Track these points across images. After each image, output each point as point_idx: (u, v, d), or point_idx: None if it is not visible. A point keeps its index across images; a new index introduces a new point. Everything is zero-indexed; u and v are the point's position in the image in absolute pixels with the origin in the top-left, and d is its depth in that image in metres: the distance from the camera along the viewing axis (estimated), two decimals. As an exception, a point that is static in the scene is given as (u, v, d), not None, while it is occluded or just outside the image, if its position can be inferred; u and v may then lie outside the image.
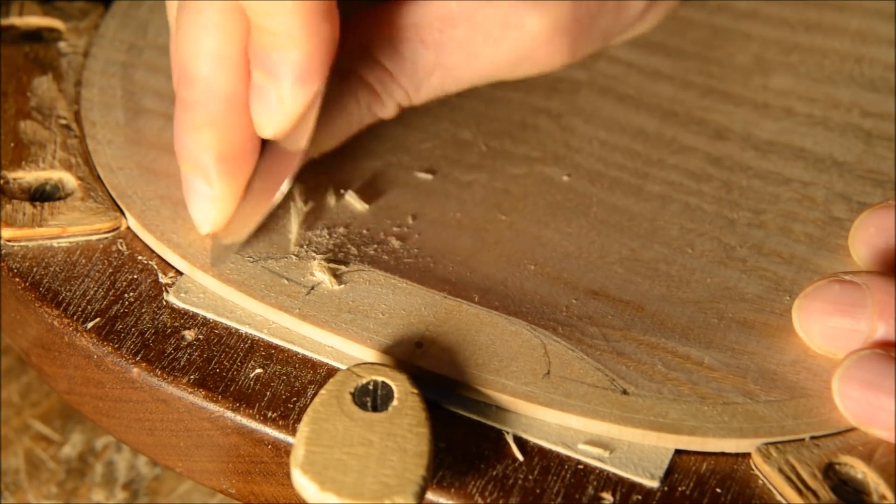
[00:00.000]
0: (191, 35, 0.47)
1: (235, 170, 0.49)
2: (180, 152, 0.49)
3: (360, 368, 0.46)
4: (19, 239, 0.51)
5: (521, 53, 0.50)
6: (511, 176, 0.55)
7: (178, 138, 0.49)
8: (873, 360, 0.46)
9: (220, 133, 0.48)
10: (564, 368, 0.47)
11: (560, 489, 0.45)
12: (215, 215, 0.50)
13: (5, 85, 0.56)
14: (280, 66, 0.46)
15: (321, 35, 0.46)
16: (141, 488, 0.57)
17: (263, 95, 0.47)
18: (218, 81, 0.48)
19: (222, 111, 0.48)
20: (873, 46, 0.60)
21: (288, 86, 0.47)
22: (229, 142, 0.48)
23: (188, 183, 0.50)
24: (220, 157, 0.49)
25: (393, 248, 0.51)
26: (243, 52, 0.47)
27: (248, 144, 0.49)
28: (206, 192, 0.49)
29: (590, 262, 0.52)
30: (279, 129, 0.48)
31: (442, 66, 0.50)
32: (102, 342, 0.48)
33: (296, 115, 0.47)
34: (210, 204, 0.49)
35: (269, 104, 0.47)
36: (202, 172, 0.49)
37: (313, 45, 0.46)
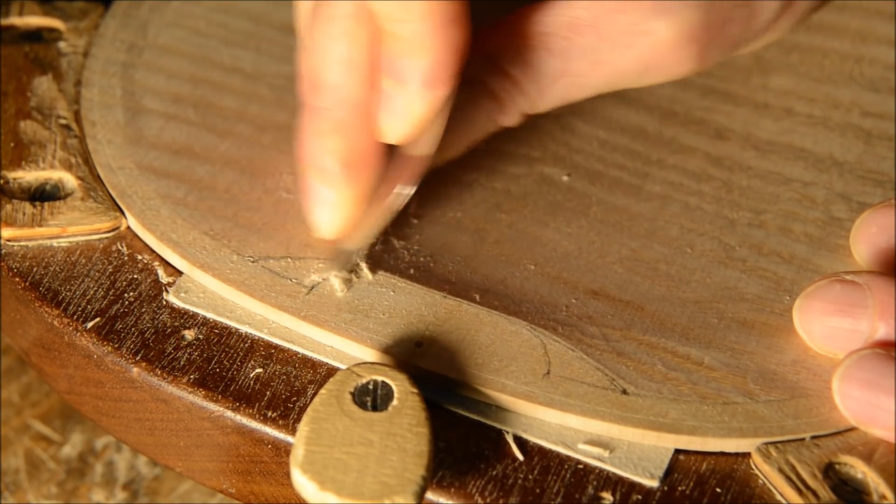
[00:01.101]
0: (323, 43, 0.47)
1: (361, 175, 0.49)
2: (305, 158, 0.49)
3: (360, 368, 0.46)
4: (19, 239, 0.51)
5: (648, 61, 0.49)
6: (511, 176, 0.55)
7: (303, 144, 0.49)
8: (874, 360, 0.46)
9: (347, 139, 0.48)
10: (564, 368, 0.47)
11: (560, 489, 0.45)
12: (340, 221, 0.49)
13: (5, 85, 0.56)
14: (409, 72, 0.46)
15: (451, 42, 0.46)
16: (141, 488, 0.57)
17: (391, 102, 0.47)
18: (347, 88, 0.48)
19: (350, 117, 0.48)
20: (873, 46, 0.60)
21: (416, 92, 0.46)
22: (355, 148, 0.48)
23: (312, 189, 0.49)
24: (346, 163, 0.48)
25: (393, 247, 0.51)
26: (371, 60, 0.47)
27: (373, 150, 0.49)
28: (330, 198, 0.49)
29: (590, 262, 0.52)
30: (405, 135, 0.47)
31: (568, 74, 0.50)
32: (102, 342, 0.48)
33: (422, 122, 0.47)
34: (335, 209, 0.49)
35: (397, 110, 0.47)
36: (327, 178, 0.49)
37: (443, 51, 0.46)
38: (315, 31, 0.48)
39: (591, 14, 0.49)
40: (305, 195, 0.50)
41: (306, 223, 0.50)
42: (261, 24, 0.60)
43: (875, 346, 0.46)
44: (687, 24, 0.48)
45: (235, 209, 0.52)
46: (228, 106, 0.56)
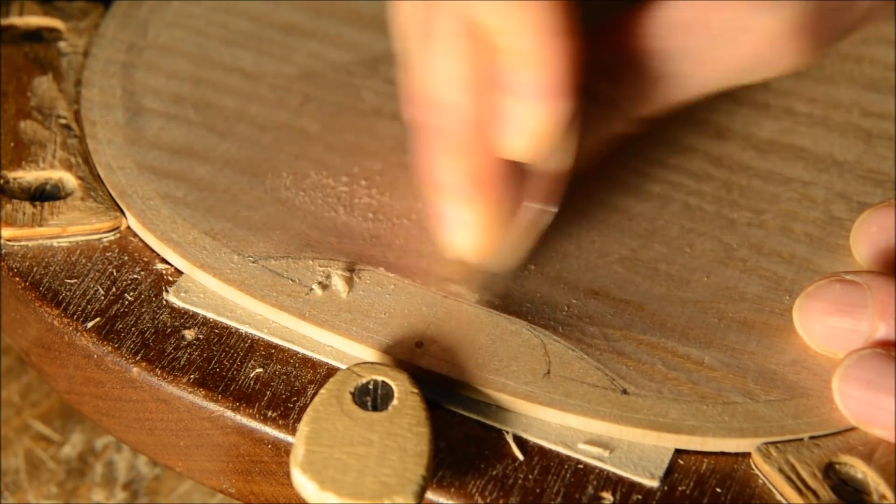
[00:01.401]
0: (437, 61, 0.47)
1: (489, 192, 0.48)
2: (434, 181, 0.49)
3: (360, 368, 0.46)
4: (19, 239, 0.51)
5: (755, 56, 0.49)
6: (511, 176, 0.55)
7: (427, 168, 0.49)
8: (874, 360, 0.46)
9: (471, 157, 0.48)
10: (564, 368, 0.47)
11: (560, 489, 0.45)
12: (475, 240, 0.49)
13: (5, 85, 0.56)
14: (526, 86, 0.46)
15: (565, 52, 0.46)
16: (141, 488, 0.57)
17: (511, 117, 0.47)
18: (465, 106, 0.47)
19: (471, 135, 0.47)
20: (873, 46, 0.60)
21: (534, 106, 0.46)
22: (480, 165, 0.48)
23: (444, 213, 0.49)
24: (473, 180, 0.48)
25: (393, 247, 0.51)
26: (484, 76, 0.47)
27: (498, 168, 0.48)
28: (462, 217, 0.49)
29: (590, 262, 0.52)
30: (528, 150, 0.47)
31: (677, 75, 0.49)
32: (102, 342, 0.48)
33: (544, 135, 0.47)
34: (469, 229, 0.49)
35: (517, 125, 0.47)
36: (457, 197, 0.48)
37: (558, 62, 0.46)
38: (428, 49, 0.47)
39: (697, 13, 0.48)
40: (436, 218, 0.49)
41: (441, 248, 0.50)
42: (261, 23, 0.60)
43: (875, 345, 0.46)
44: (792, 16, 0.48)
45: (235, 209, 0.52)
46: (228, 106, 0.56)
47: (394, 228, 0.52)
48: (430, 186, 0.49)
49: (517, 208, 0.49)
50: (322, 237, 0.51)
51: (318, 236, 0.51)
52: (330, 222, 0.52)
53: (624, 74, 0.49)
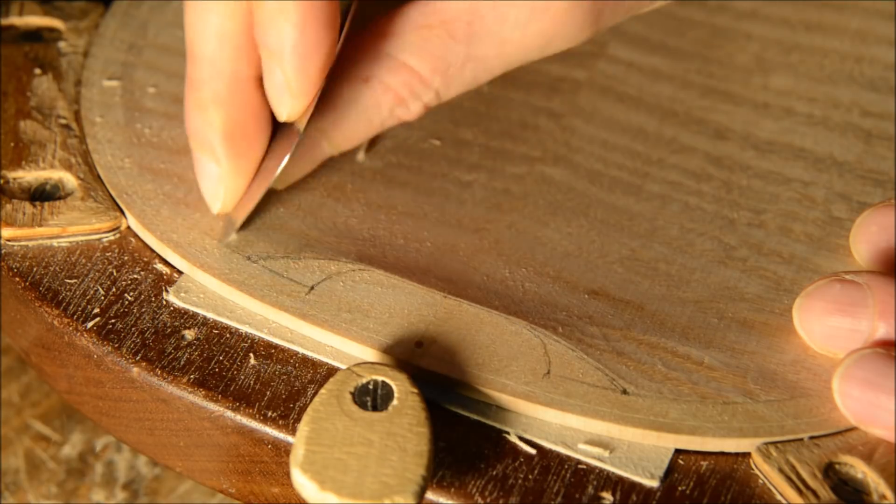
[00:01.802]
0: (197, 15, 0.48)
1: (243, 149, 0.49)
2: (189, 130, 0.49)
3: (360, 368, 0.46)
4: (19, 239, 0.51)
5: (549, 33, 0.50)
6: (511, 176, 0.55)
7: (186, 116, 0.49)
8: (874, 360, 0.46)
9: (226, 112, 0.48)
10: (564, 368, 0.47)
11: (560, 489, 0.45)
12: (224, 194, 0.50)
13: (5, 85, 0.56)
14: (278, 41, 0.46)
15: (313, 6, 0.46)
16: (141, 488, 0.57)
17: (271, 76, 0.47)
18: (222, 60, 0.48)
19: (227, 90, 0.48)
20: (873, 46, 0.60)
21: (289, 63, 0.46)
22: (235, 121, 0.49)
23: (198, 161, 0.50)
24: (226, 136, 0.49)
25: (393, 247, 0.51)
26: (250, 33, 0.48)
27: (255, 124, 0.49)
28: (214, 171, 0.49)
29: (590, 262, 0.52)
30: (292, 110, 0.48)
31: (473, 59, 0.50)
32: (102, 342, 0.48)
33: (304, 95, 0.47)
34: (219, 182, 0.50)
35: (278, 84, 0.47)
36: (210, 151, 0.49)
37: (305, 15, 0.46)
38: (189, 4, 0.48)
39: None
40: (195, 167, 0.50)
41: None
42: (261, 23, 0.60)
43: (875, 345, 0.46)
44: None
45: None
46: (228, 106, 0.56)
47: (394, 228, 0.52)
48: (189, 137, 0.50)
49: (267, 163, 0.50)
50: (322, 237, 0.51)
51: (318, 236, 0.51)
52: (330, 222, 0.52)
53: (422, 62, 0.49)
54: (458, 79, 0.50)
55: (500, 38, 0.49)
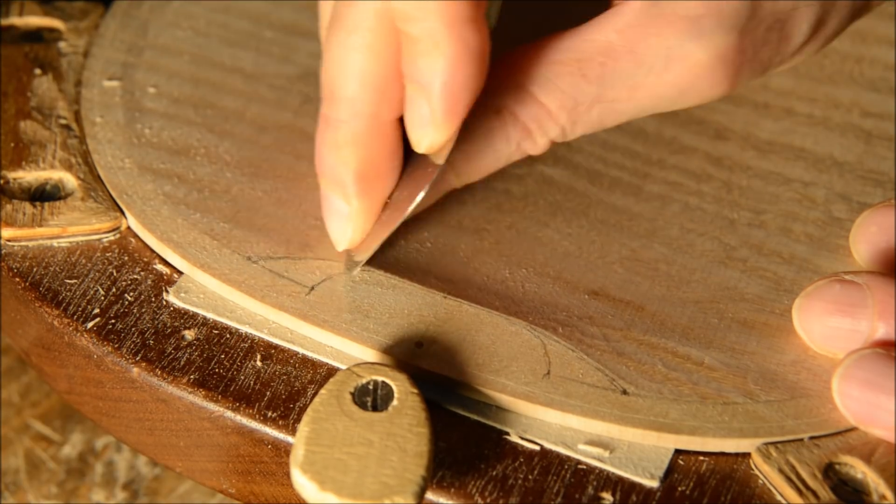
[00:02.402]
0: (340, 55, 0.47)
1: (374, 189, 0.49)
2: (321, 169, 0.49)
3: (361, 368, 0.46)
4: (19, 239, 0.51)
5: (684, 84, 0.49)
6: (511, 176, 0.55)
7: (319, 154, 0.49)
8: (874, 360, 0.46)
9: (362, 152, 0.48)
10: (564, 368, 0.47)
11: (560, 489, 0.45)
12: (352, 232, 0.49)
13: (5, 85, 0.56)
14: (428, 74, 0.46)
15: (467, 42, 0.45)
16: (141, 488, 0.57)
17: (416, 108, 0.47)
18: (364, 102, 0.47)
19: (365, 131, 0.48)
20: (873, 46, 0.60)
21: (437, 96, 0.46)
22: (370, 161, 0.48)
23: (326, 200, 0.49)
24: (359, 177, 0.48)
25: (393, 247, 0.51)
26: (393, 73, 0.47)
27: (389, 164, 0.49)
28: (344, 210, 0.49)
29: (590, 262, 0.52)
30: (433, 143, 0.47)
31: (603, 100, 0.49)
32: (102, 342, 0.48)
33: (448, 129, 0.47)
34: (347, 222, 0.49)
35: (423, 117, 0.47)
36: (341, 190, 0.49)
37: (458, 51, 0.45)
38: (332, 41, 0.47)
39: (627, 38, 0.48)
40: (322, 205, 0.50)
41: (326, 233, 0.50)
42: (261, 24, 0.60)
43: (875, 345, 0.46)
44: (722, 47, 0.48)
45: (235, 209, 0.52)
46: (228, 106, 0.56)
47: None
48: (320, 175, 0.49)
49: (394, 197, 0.49)
50: (322, 237, 0.51)
51: (318, 236, 0.51)
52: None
53: (552, 98, 0.49)
54: (585, 118, 0.49)
55: (633, 83, 0.48)
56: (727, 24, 0.47)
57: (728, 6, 0.47)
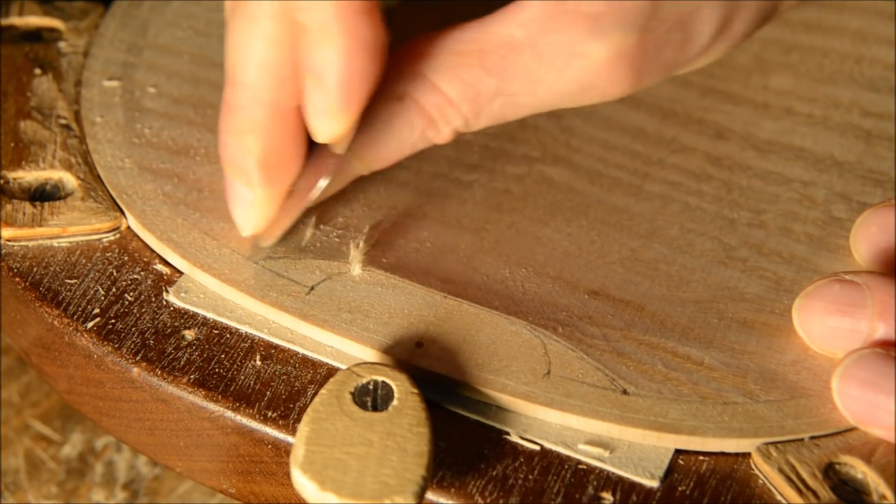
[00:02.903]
0: (240, 42, 0.47)
1: (278, 176, 0.49)
2: (224, 155, 0.49)
3: (361, 368, 0.46)
4: (19, 239, 0.51)
5: (584, 82, 0.49)
6: (511, 176, 0.55)
7: (221, 141, 0.49)
8: (873, 360, 0.46)
9: (264, 139, 0.48)
10: (564, 368, 0.47)
11: (560, 489, 0.45)
12: (256, 219, 0.50)
13: (5, 85, 0.56)
14: (322, 65, 0.46)
15: (359, 33, 0.46)
16: (141, 488, 0.57)
17: (313, 99, 0.47)
18: (263, 89, 0.47)
19: (267, 118, 0.48)
20: (873, 46, 0.60)
21: (332, 87, 0.46)
22: (272, 148, 0.48)
23: (231, 186, 0.49)
24: (262, 163, 0.48)
25: (393, 247, 0.51)
26: (293, 62, 0.47)
27: (291, 151, 0.49)
28: (248, 197, 0.49)
29: (590, 262, 0.52)
30: (332, 133, 0.47)
31: (504, 93, 0.49)
32: (102, 342, 0.48)
33: (346, 120, 0.47)
34: (252, 208, 0.49)
35: (319, 108, 0.47)
36: (244, 177, 0.49)
37: (351, 41, 0.46)
38: (233, 28, 0.48)
39: (528, 33, 0.48)
40: (226, 191, 0.50)
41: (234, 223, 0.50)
42: (261, 23, 0.60)
43: (874, 345, 0.46)
44: (622, 46, 0.48)
45: (235, 209, 0.52)
46: (228, 106, 0.56)
47: (394, 228, 0.52)
48: (223, 162, 0.49)
49: (300, 184, 0.50)
50: (322, 237, 0.51)
51: (318, 236, 0.51)
52: (330, 222, 0.52)
53: (454, 88, 0.49)
54: (487, 110, 0.49)
55: (534, 78, 0.49)
56: (628, 23, 0.47)
57: (629, 5, 0.47)
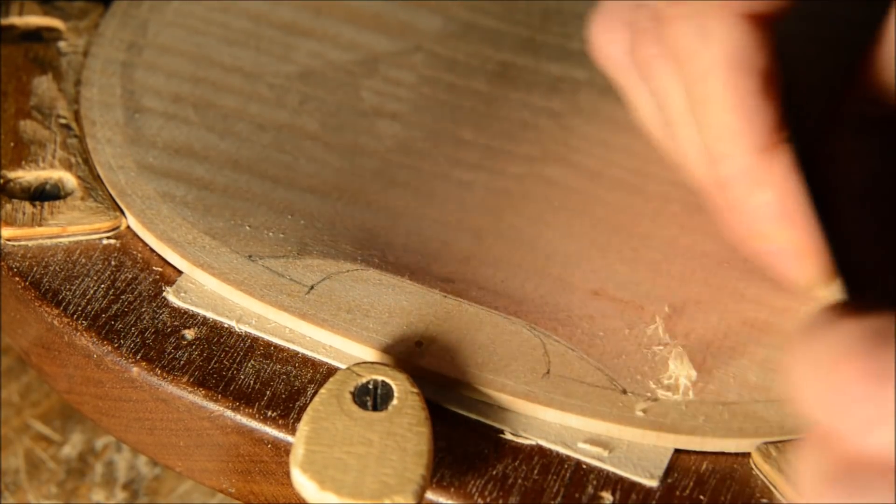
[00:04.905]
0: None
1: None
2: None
3: (360, 367, 0.46)
4: (19, 238, 0.51)
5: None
6: (511, 176, 0.55)
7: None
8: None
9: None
10: (564, 368, 0.47)
11: (560, 488, 0.45)
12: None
13: (5, 85, 0.56)
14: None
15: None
16: (141, 488, 0.57)
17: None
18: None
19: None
20: (873, 46, 0.60)
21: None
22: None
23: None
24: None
25: (393, 247, 0.51)
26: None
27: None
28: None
29: (590, 262, 0.51)
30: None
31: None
32: (102, 341, 0.48)
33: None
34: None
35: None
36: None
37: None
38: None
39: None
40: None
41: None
42: (260, 23, 0.60)
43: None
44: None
45: (235, 209, 0.52)
46: (228, 105, 0.56)
47: (394, 227, 0.52)
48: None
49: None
50: (322, 237, 0.51)
51: (318, 236, 0.51)
52: (329, 222, 0.52)
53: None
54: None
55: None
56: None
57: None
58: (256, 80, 0.57)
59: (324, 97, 0.57)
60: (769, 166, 0.46)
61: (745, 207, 0.47)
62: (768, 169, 0.46)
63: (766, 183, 0.46)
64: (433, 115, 0.56)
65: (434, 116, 0.56)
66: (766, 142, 0.46)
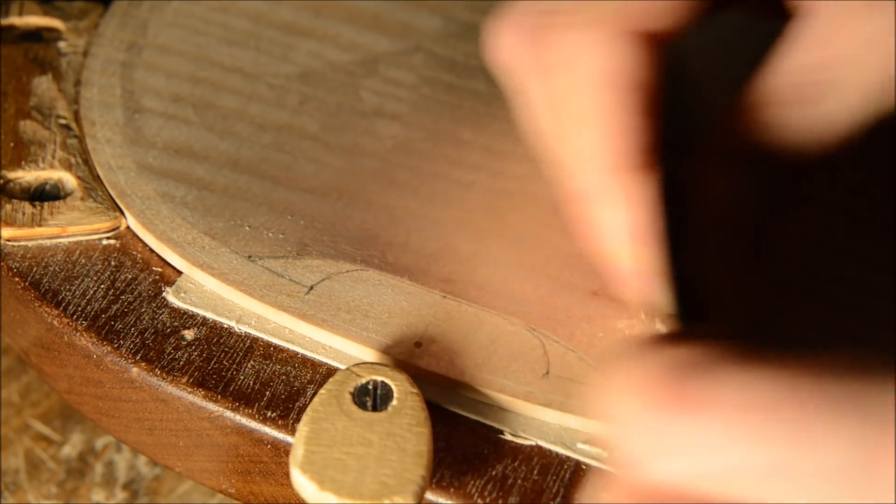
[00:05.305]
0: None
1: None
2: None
3: (360, 368, 0.46)
4: (19, 239, 0.51)
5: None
6: (511, 176, 0.55)
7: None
8: None
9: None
10: (564, 368, 0.47)
11: (559, 489, 0.45)
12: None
13: (5, 85, 0.56)
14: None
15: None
16: (141, 488, 0.57)
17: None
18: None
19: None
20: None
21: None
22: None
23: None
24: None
25: (393, 247, 0.51)
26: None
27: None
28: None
29: (590, 262, 0.51)
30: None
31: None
32: (102, 342, 0.48)
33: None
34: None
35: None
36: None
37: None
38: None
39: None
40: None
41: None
42: (260, 23, 0.60)
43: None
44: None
45: (235, 209, 0.52)
46: (228, 105, 0.56)
47: (394, 227, 0.52)
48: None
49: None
50: (321, 237, 0.51)
51: (318, 236, 0.51)
52: (329, 222, 0.52)
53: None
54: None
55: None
56: None
57: None
58: (256, 80, 0.57)
59: (324, 97, 0.57)
60: (621, 186, 0.45)
61: (590, 223, 0.46)
62: (620, 189, 0.45)
63: (614, 202, 0.45)
64: (433, 116, 0.56)
65: (434, 117, 0.56)
66: (624, 162, 0.45)
